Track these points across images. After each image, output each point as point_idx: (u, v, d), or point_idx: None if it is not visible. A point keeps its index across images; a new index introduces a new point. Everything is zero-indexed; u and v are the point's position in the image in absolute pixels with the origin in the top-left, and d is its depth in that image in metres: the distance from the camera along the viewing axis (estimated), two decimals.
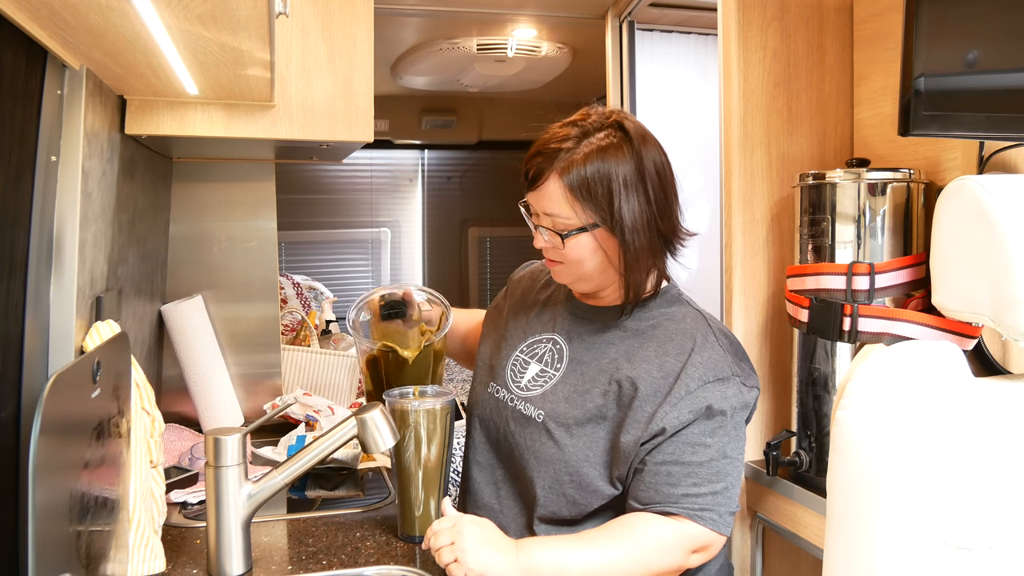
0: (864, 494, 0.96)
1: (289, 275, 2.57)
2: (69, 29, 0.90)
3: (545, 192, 1.16)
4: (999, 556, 0.89)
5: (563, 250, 1.17)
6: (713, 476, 1.11)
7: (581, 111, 1.21)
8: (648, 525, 1.10)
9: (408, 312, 1.40)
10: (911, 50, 1.04)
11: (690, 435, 1.11)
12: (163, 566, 1.15)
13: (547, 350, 1.28)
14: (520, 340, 1.33)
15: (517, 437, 1.24)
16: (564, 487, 1.18)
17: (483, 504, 1.30)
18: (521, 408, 1.25)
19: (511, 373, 1.30)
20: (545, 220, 1.18)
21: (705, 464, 1.11)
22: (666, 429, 1.11)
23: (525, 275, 1.46)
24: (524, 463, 1.23)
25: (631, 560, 1.07)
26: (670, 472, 1.11)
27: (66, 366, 0.85)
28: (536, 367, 1.27)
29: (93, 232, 1.14)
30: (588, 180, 1.13)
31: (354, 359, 2.15)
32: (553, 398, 1.22)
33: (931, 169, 1.32)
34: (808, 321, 1.31)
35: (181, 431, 1.83)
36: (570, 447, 1.18)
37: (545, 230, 1.18)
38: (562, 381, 1.23)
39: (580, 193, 1.13)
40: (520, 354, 1.31)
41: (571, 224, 1.15)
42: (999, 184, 0.93)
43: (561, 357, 1.25)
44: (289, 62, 1.49)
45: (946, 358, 1.00)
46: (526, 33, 2.93)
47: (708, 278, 2.51)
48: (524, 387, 1.27)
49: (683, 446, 1.11)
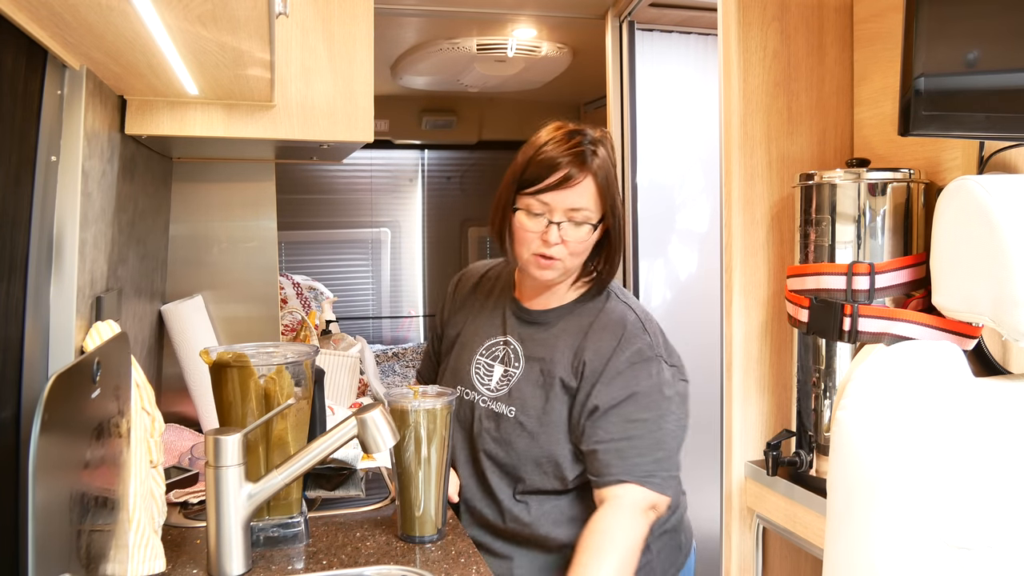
0: (864, 494, 0.96)
1: (289, 275, 2.57)
2: (69, 29, 0.90)
3: (580, 189, 1.27)
4: (999, 556, 0.89)
5: (582, 243, 1.29)
6: (653, 446, 1.27)
7: (558, 124, 1.33)
8: (605, 523, 1.23)
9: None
10: (911, 50, 1.04)
11: (627, 412, 1.27)
12: (163, 566, 1.15)
13: (504, 352, 1.40)
14: (477, 344, 1.44)
15: (493, 434, 1.36)
16: (543, 467, 1.33)
17: (473, 494, 1.41)
18: (493, 407, 1.37)
19: (477, 376, 1.41)
20: (565, 216, 1.28)
21: (645, 436, 1.27)
22: (599, 406, 1.28)
23: (458, 286, 1.56)
24: (504, 455, 1.35)
25: (615, 562, 1.19)
26: (618, 448, 1.26)
27: (66, 366, 0.85)
28: (500, 368, 1.39)
29: (93, 232, 1.14)
30: (607, 175, 1.29)
31: (354, 359, 2.15)
32: (519, 394, 1.35)
33: (931, 169, 1.32)
34: (808, 321, 1.31)
35: (181, 431, 1.83)
36: (541, 435, 1.32)
37: (568, 225, 1.28)
38: (524, 378, 1.36)
39: (604, 187, 1.29)
40: (481, 357, 1.42)
41: (593, 218, 1.29)
42: (999, 184, 0.93)
43: (518, 356, 1.38)
44: (289, 62, 1.49)
45: (946, 358, 1.00)
46: (526, 33, 2.93)
47: (708, 278, 2.51)
48: (493, 388, 1.39)
49: (624, 424, 1.27)
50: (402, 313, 4.77)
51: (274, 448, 1.28)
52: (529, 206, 1.29)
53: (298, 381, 1.30)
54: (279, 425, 1.28)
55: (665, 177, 2.61)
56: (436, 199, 4.73)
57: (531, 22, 2.81)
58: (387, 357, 4.32)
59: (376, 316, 4.72)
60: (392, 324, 4.75)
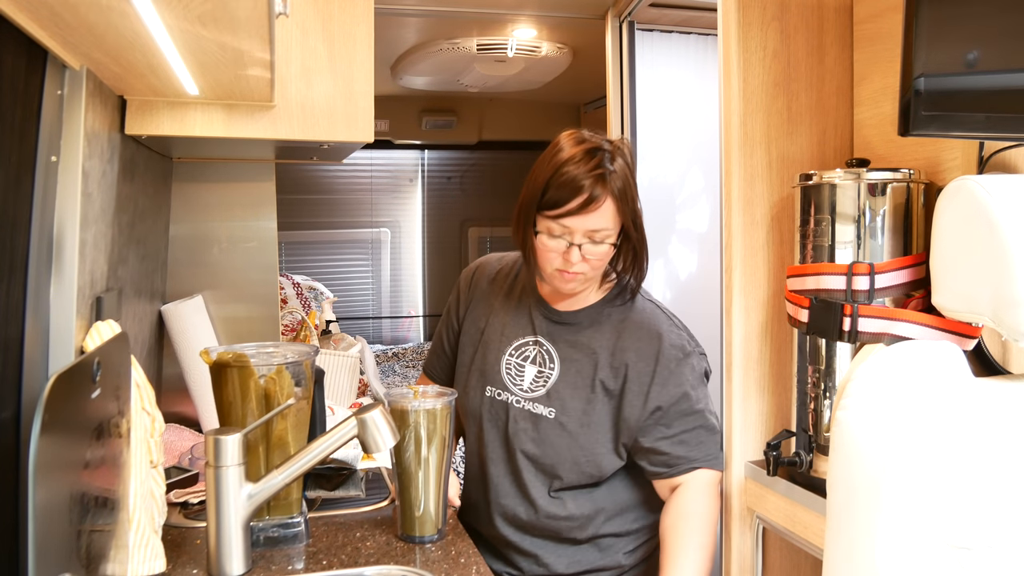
0: (864, 494, 0.96)
1: (289, 275, 2.57)
2: (69, 29, 0.90)
3: (600, 213, 1.28)
4: (999, 556, 0.89)
5: (602, 258, 1.32)
6: (710, 430, 1.39)
7: (578, 136, 1.32)
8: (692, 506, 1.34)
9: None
10: (911, 50, 1.04)
11: (684, 407, 1.36)
12: (163, 566, 1.15)
13: (536, 352, 1.41)
14: (504, 344, 1.44)
15: (531, 434, 1.37)
16: (582, 467, 1.36)
17: (506, 492, 1.41)
18: (530, 408, 1.38)
19: (508, 377, 1.42)
20: (585, 237, 1.29)
21: (701, 426, 1.37)
22: (661, 407, 1.35)
23: (473, 280, 1.54)
24: (542, 454, 1.37)
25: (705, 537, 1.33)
26: (684, 440, 1.35)
27: (66, 366, 0.85)
28: (533, 369, 1.40)
29: (93, 232, 1.14)
30: (627, 191, 1.30)
31: (354, 359, 2.15)
32: (558, 396, 1.37)
33: (931, 169, 1.32)
34: (808, 321, 1.31)
35: (181, 431, 1.83)
36: (582, 436, 1.35)
37: (590, 247, 1.29)
38: (561, 379, 1.38)
39: (624, 203, 1.30)
40: (510, 357, 1.43)
41: (613, 236, 1.31)
42: (999, 184, 0.93)
43: (552, 358, 1.40)
44: (289, 62, 1.49)
45: (946, 358, 1.00)
46: (526, 33, 2.93)
47: (708, 278, 2.51)
48: (528, 389, 1.39)
49: (683, 418, 1.36)
50: (402, 313, 4.77)
51: (274, 448, 1.28)
52: (550, 229, 1.30)
53: (298, 381, 1.30)
54: (279, 425, 1.28)
55: (665, 177, 2.61)
56: (436, 199, 4.73)
57: (531, 22, 2.81)
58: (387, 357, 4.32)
59: (376, 316, 4.72)
60: (392, 324, 4.76)
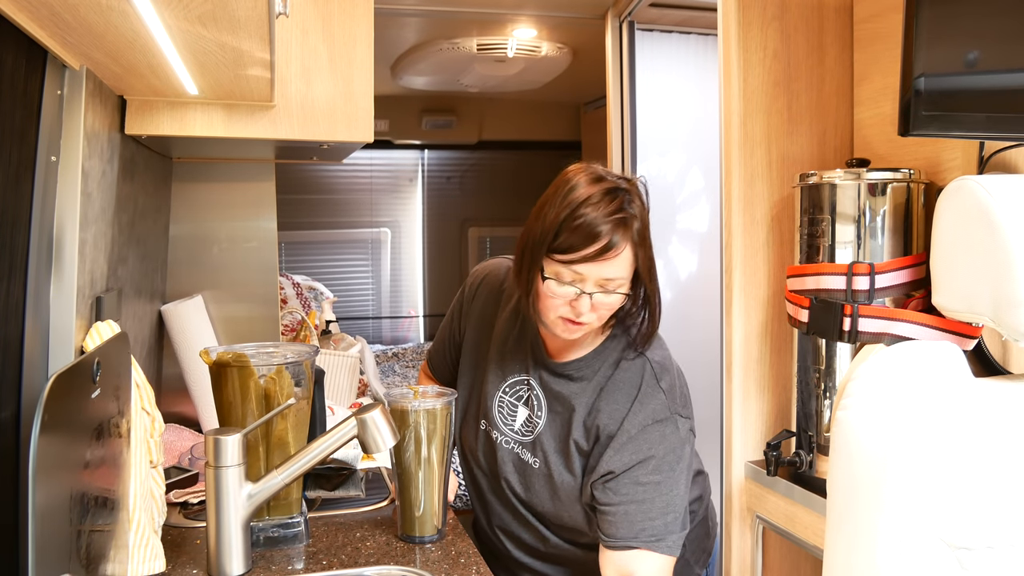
0: (864, 494, 0.96)
1: (289, 275, 2.57)
2: (69, 29, 0.90)
3: (617, 261, 1.15)
4: (999, 556, 0.89)
5: (612, 309, 1.20)
6: (664, 508, 1.21)
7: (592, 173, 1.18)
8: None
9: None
10: (911, 50, 1.04)
11: (639, 475, 1.21)
12: (163, 566, 1.15)
13: (528, 395, 1.33)
14: (499, 379, 1.36)
15: (519, 479, 1.34)
16: (565, 521, 1.32)
17: (507, 523, 1.40)
18: (518, 452, 1.34)
19: (499, 415, 1.36)
20: (597, 285, 1.16)
21: (655, 499, 1.21)
22: (613, 471, 1.22)
23: (481, 288, 1.47)
24: (530, 499, 1.34)
25: None
26: (627, 512, 1.20)
27: (66, 366, 0.85)
28: (524, 412, 1.34)
29: (93, 232, 1.14)
30: (645, 232, 1.18)
31: (354, 359, 2.15)
32: (541, 447, 1.31)
33: (931, 169, 1.32)
34: (808, 321, 1.31)
35: (181, 431, 1.83)
36: (562, 491, 1.29)
37: (601, 296, 1.16)
38: (545, 430, 1.31)
39: (642, 250, 1.18)
40: (504, 395, 1.36)
41: (627, 286, 1.19)
42: (999, 184, 0.93)
43: (541, 404, 1.32)
44: (289, 62, 1.49)
45: (946, 358, 1.00)
46: (526, 33, 2.93)
47: (708, 278, 2.51)
48: (518, 431, 1.34)
49: (634, 487, 1.21)
50: (402, 313, 4.77)
51: (274, 448, 1.28)
52: (559, 275, 1.16)
53: (298, 381, 1.30)
54: (279, 425, 1.28)
55: (665, 177, 2.61)
56: (436, 199, 4.73)
57: (531, 22, 2.81)
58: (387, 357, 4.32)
59: (376, 316, 4.72)
60: (392, 324, 4.75)
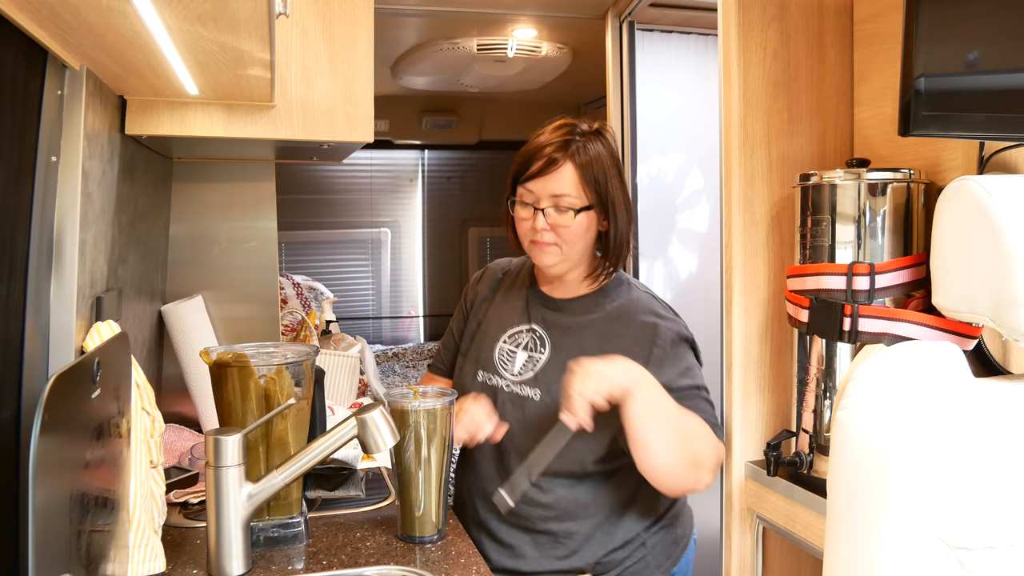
0: (864, 494, 0.96)
1: (289, 275, 2.57)
2: (69, 29, 0.90)
3: (559, 175, 1.33)
4: (999, 556, 0.89)
5: (569, 228, 1.34)
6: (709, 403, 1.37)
7: (565, 120, 1.39)
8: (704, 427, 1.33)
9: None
10: (911, 50, 1.04)
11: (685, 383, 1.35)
12: (163, 566, 1.15)
13: (528, 339, 1.44)
14: (500, 331, 1.47)
15: (517, 415, 1.38)
16: (562, 451, 1.31)
17: (485, 475, 1.43)
18: (517, 391, 1.40)
19: (500, 362, 1.44)
20: (549, 202, 1.34)
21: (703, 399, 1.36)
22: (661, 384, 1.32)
23: (482, 278, 1.60)
24: (525, 435, 1.36)
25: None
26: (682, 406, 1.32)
27: (66, 366, 0.85)
28: (523, 355, 1.43)
29: (93, 232, 1.14)
30: (592, 163, 1.34)
31: (354, 359, 2.15)
32: (544, 378, 1.38)
33: (931, 169, 1.32)
34: (808, 321, 1.31)
35: (181, 431, 1.83)
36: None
37: (552, 211, 1.34)
38: (549, 363, 1.39)
39: (586, 175, 1.34)
40: (504, 344, 1.45)
41: (577, 204, 1.34)
42: (999, 184, 0.93)
43: (543, 342, 1.42)
44: (289, 62, 1.49)
45: (946, 358, 1.00)
46: (526, 33, 2.93)
47: (708, 278, 2.51)
48: (517, 373, 1.42)
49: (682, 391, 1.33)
50: (402, 313, 4.77)
51: (274, 448, 1.28)
52: (521, 195, 1.37)
53: (298, 381, 1.30)
54: (279, 425, 1.28)
55: (665, 177, 2.61)
56: (436, 199, 4.73)
57: (531, 22, 2.81)
58: (387, 357, 4.32)
59: (376, 316, 4.72)
60: (392, 324, 4.76)
